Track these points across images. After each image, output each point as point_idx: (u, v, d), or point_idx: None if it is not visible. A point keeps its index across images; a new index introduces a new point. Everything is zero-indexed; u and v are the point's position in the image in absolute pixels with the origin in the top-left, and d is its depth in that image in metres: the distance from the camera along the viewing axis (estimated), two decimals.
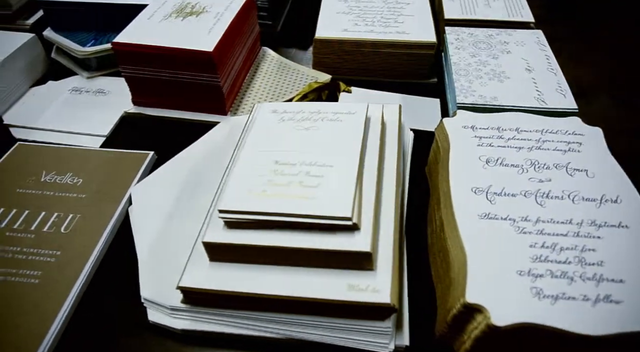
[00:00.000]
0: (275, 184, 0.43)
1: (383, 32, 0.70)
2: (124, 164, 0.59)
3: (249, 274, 0.42)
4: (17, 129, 0.66)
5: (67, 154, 0.61)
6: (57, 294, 0.46)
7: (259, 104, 0.55)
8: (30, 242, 0.51)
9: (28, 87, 0.74)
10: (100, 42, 0.74)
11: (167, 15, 0.66)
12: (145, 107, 0.66)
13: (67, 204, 0.54)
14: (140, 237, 0.51)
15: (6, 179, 0.57)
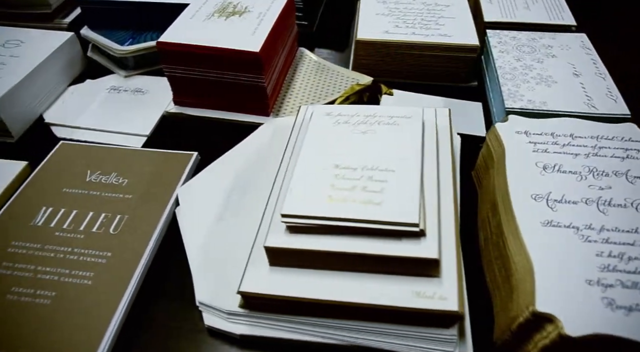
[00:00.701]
0: (339, 188, 0.42)
1: (424, 34, 0.69)
2: (169, 165, 0.58)
3: (310, 279, 0.41)
4: (58, 128, 0.66)
5: (110, 153, 0.60)
6: (111, 295, 0.46)
7: (310, 105, 0.55)
8: (80, 242, 0.50)
9: (66, 86, 0.73)
10: (138, 41, 0.74)
11: (210, 14, 0.65)
12: (186, 107, 0.65)
13: (114, 205, 0.54)
14: (190, 239, 0.50)
15: (52, 179, 0.57)
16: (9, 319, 0.44)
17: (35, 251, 0.50)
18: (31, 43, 0.71)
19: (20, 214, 0.53)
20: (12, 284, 0.47)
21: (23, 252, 0.50)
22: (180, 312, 0.46)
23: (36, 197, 0.55)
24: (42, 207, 0.54)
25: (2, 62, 0.68)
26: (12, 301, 0.46)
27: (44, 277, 0.48)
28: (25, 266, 0.48)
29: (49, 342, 0.43)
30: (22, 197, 0.55)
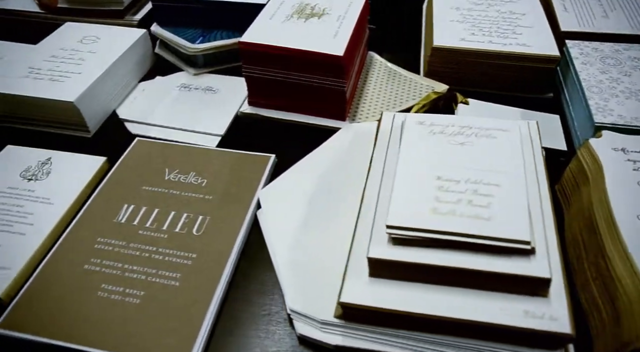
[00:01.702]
0: (444, 201, 0.41)
1: (502, 43, 0.68)
2: (247, 166, 0.58)
3: (412, 292, 0.40)
4: (132, 124, 0.66)
5: (187, 152, 0.60)
6: (200, 299, 0.45)
7: (396, 113, 0.54)
8: (164, 242, 0.50)
9: (137, 82, 0.73)
10: (208, 39, 0.73)
11: (289, 16, 0.65)
12: (260, 108, 0.65)
13: (195, 205, 0.54)
14: (275, 244, 0.50)
15: (131, 176, 0.57)
16: (101, 315, 0.44)
17: (121, 248, 0.50)
18: (107, 39, 0.72)
19: (104, 211, 0.53)
20: (102, 280, 0.47)
21: (109, 249, 0.50)
22: (269, 318, 0.45)
23: (117, 194, 0.55)
24: (124, 204, 0.54)
25: (81, 57, 0.68)
26: (103, 298, 0.46)
27: (131, 275, 0.47)
28: (112, 264, 0.48)
29: (140, 341, 0.42)
30: (104, 193, 0.55)
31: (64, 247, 0.50)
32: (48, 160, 0.59)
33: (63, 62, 0.67)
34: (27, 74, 0.65)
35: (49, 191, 0.55)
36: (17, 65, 0.67)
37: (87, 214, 0.53)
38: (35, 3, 0.83)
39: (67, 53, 0.69)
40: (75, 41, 0.71)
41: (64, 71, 0.65)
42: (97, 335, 0.43)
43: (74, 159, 0.59)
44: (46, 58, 0.68)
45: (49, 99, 0.61)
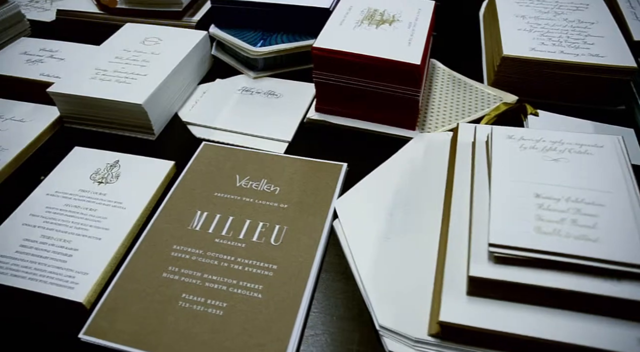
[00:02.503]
0: (546, 220, 0.40)
1: (574, 53, 0.66)
2: (319, 174, 0.57)
3: (514, 313, 0.39)
4: (195, 128, 0.65)
5: (256, 158, 0.59)
6: (286, 313, 0.44)
7: (477, 125, 0.53)
8: (242, 252, 0.49)
9: (197, 85, 0.73)
10: (269, 42, 0.73)
11: (359, 22, 0.63)
12: (328, 115, 0.63)
13: (270, 214, 0.53)
14: (357, 256, 0.49)
15: (202, 182, 0.56)
16: (184, 326, 0.43)
17: (198, 256, 0.49)
18: (169, 41, 0.71)
19: (177, 217, 0.52)
20: (182, 290, 0.46)
21: (186, 258, 0.49)
22: (356, 334, 0.44)
23: (189, 200, 0.54)
24: (197, 210, 0.53)
25: (144, 59, 0.67)
26: (185, 308, 0.45)
27: (212, 286, 0.46)
28: (191, 272, 0.47)
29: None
30: (175, 199, 0.54)
31: (141, 254, 0.49)
32: (116, 163, 0.59)
33: (128, 63, 0.67)
34: (94, 75, 0.65)
35: (120, 195, 0.55)
36: (82, 66, 0.66)
37: (160, 220, 0.52)
38: (93, 4, 0.83)
39: (131, 54, 0.68)
40: (137, 42, 0.71)
41: (130, 73, 0.65)
42: (182, 346, 0.42)
43: (142, 162, 0.59)
44: (111, 59, 0.67)
45: (118, 101, 0.60)
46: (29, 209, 0.54)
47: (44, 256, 0.49)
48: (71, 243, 0.50)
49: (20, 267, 0.48)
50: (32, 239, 0.51)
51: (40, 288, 0.46)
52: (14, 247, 0.50)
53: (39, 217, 0.53)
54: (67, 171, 0.58)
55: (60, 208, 0.54)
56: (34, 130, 0.63)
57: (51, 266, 0.48)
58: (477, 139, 0.51)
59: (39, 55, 0.73)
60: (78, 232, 0.51)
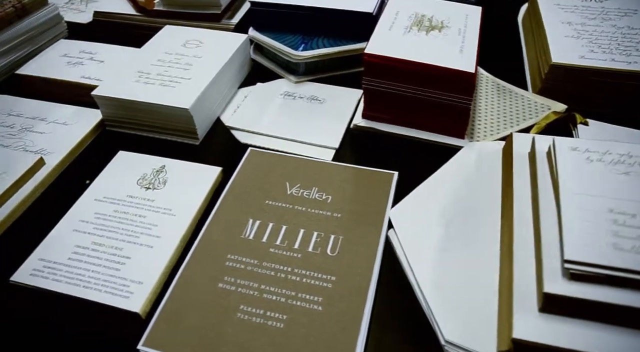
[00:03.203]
0: (623, 236, 0.39)
1: (625, 61, 0.65)
2: (370, 183, 0.56)
3: (589, 331, 0.38)
4: (238, 133, 0.64)
5: (304, 165, 0.58)
6: (347, 327, 0.43)
7: (535, 136, 0.52)
8: (299, 263, 0.48)
9: (237, 89, 0.72)
10: (311, 46, 0.72)
11: (408, 27, 0.62)
12: (375, 122, 0.62)
13: (324, 223, 0.52)
14: (416, 268, 0.48)
15: (252, 189, 0.55)
16: (245, 338, 0.42)
17: (254, 267, 0.48)
18: (210, 44, 0.70)
19: (229, 225, 0.51)
20: (240, 301, 0.45)
21: (242, 268, 0.48)
22: (419, 349, 0.43)
23: (240, 208, 0.53)
24: (249, 219, 0.52)
25: (187, 62, 0.66)
26: (244, 320, 0.44)
27: (270, 297, 0.45)
28: (248, 283, 0.47)
29: None
30: (226, 207, 0.53)
31: (195, 263, 0.48)
32: (162, 168, 0.58)
33: (170, 66, 0.66)
34: (137, 78, 0.64)
35: (169, 202, 0.54)
36: (125, 69, 0.65)
37: (212, 229, 0.51)
38: (130, 5, 0.82)
39: (173, 57, 0.68)
40: (178, 45, 0.70)
41: (173, 76, 0.64)
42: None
43: (189, 168, 0.58)
44: (153, 62, 0.67)
45: (164, 105, 0.60)
46: (78, 214, 0.53)
47: (96, 263, 0.48)
48: (123, 251, 0.49)
49: (74, 274, 0.47)
50: (83, 245, 0.50)
51: (95, 297, 0.46)
52: (66, 253, 0.49)
53: (89, 223, 0.52)
54: (113, 176, 0.57)
55: (110, 214, 0.53)
56: (77, 134, 0.63)
57: (105, 274, 0.47)
58: (536, 150, 0.50)
59: (79, 57, 0.72)
60: (129, 240, 0.50)
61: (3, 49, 0.71)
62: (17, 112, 0.66)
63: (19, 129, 0.63)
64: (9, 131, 0.63)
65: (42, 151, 0.60)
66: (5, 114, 0.65)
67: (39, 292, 0.47)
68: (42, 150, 0.60)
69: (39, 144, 0.61)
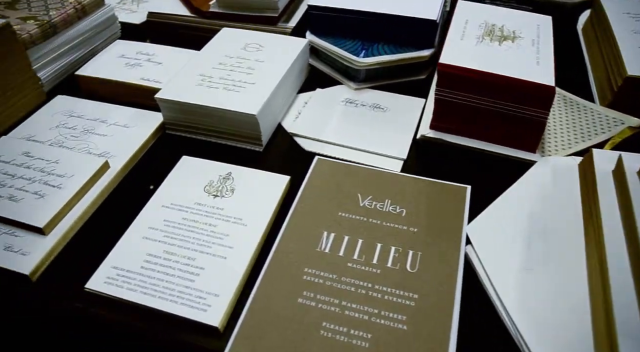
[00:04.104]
0: None
1: None
2: (443, 197, 0.54)
3: None
4: (302, 140, 0.63)
5: (375, 176, 0.57)
6: (436, 347, 0.42)
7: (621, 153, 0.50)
8: (378, 278, 0.47)
9: (296, 94, 0.70)
10: (371, 52, 0.70)
11: (479, 37, 0.61)
12: (444, 133, 0.61)
13: (400, 237, 0.50)
14: (500, 288, 0.46)
15: (323, 200, 0.54)
16: None
17: (333, 282, 0.46)
18: (271, 48, 0.69)
19: (303, 237, 0.50)
20: (322, 318, 0.44)
21: (320, 282, 0.46)
22: None
23: (313, 219, 0.52)
24: (323, 231, 0.51)
25: (249, 66, 0.65)
26: (327, 338, 0.43)
27: (352, 314, 0.44)
28: (329, 299, 0.45)
29: None
30: (298, 217, 0.52)
31: (271, 276, 0.47)
32: (228, 175, 0.56)
33: (232, 70, 0.65)
34: (200, 82, 0.63)
35: (238, 210, 0.53)
36: (186, 71, 0.64)
37: (286, 240, 0.50)
38: (183, 6, 0.81)
39: (234, 61, 0.66)
40: (238, 48, 0.69)
41: (237, 80, 0.63)
42: None
43: (256, 176, 0.57)
44: (214, 65, 0.66)
45: (230, 110, 0.58)
46: (146, 221, 0.52)
47: (170, 273, 0.47)
48: (196, 261, 0.48)
49: (149, 284, 0.46)
50: (155, 254, 0.49)
51: (172, 308, 0.45)
52: (138, 262, 0.48)
53: (158, 230, 0.51)
54: (179, 182, 0.56)
55: (179, 222, 0.52)
56: (139, 137, 0.62)
57: (179, 285, 0.46)
58: (626, 168, 0.48)
59: (137, 58, 0.71)
60: (202, 250, 0.49)
61: (63, 50, 0.71)
62: (78, 114, 0.65)
63: (81, 130, 0.62)
64: (72, 133, 0.62)
65: (106, 154, 0.59)
66: (67, 115, 0.65)
67: (114, 301, 0.46)
68: (106, 153, 0.59)
69: (102, 147, 0.60)
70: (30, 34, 0.66)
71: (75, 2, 0.72)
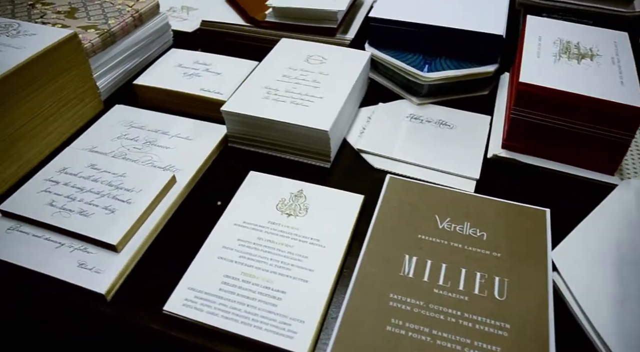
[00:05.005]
0: None
1: None
2: (522, 220, 0.53)
3: None
4: (371, 157, 0.62)
5: (450, 197, 0.55)
6: None
7: None
8: (467, 306, 0.45)
9: (357, 108, 0.69)
10: (435, 67, 0.68)
11: (556, 55, 0.59)
12: (517, 153, 0.59)
13: (484, 263, 0.49)
14: (595, 321, 0.44)
15: (399, 221, 0.52)
16: None
17: (421, 309, 0.45)
18: (334, 60, 0.68)
19: (384, 260, 0.49)
20: (413, 347, 0.42)
21: (408, 309, 0.45)
22: None
23: (392, 241, 0.50)
24: (404, 254, 0.49)
25: (314, 79, 0.64)
26: None
27: (444, 344, 0.43)
28: (418, 327, 0.44)
29: None
30: (377, 239, 0.51)
31: (356, 301, 0.45)
32: (300, 192, 0.55)
33: (298, 83, 0.63)
34: (266, 94, 0.61)
35: (314, 231, 0.51)
36: (250, 83, 0.63)
37: (367, 263, 0.49)
38: (237, 14, 0.80)
39: (298, 73, 0.65)
40: (301, 60, 0.67)
41: (303, 94, 0.61)
42: None
43: (329, 194, 0.55)
44: (278, 77, 0.64)
45: (302, 126, 0.57)
46: (220, 240, 0.51)
47: (250, 296, 0.46)
48: (275, 284, 0.47)
49: (229, 308, 0.45)
50: (232, 275, 0.47)
51: (257, 335, 0.43)
52: (216, 284, 0.47)
53: (233, 250, 0.50)
54: (249, 199, 0.55)
55: (254, 242, 0.50)
56: (203, 150, 0.60)
57: (262, 310, 0.45)
58: None
59: (194, 68, 0.70)
60: (281, 272, 0.48)
61: (119, 58, 0.70)
62: (139, 125, 0.64)
63: (143, 142, 0.61)
64: (134, 144, 0.61)
65: (171, 168, 0.58)
66: (127, 126, 0.63)
67: (193, 324, 0.44)
68: (170, 167, 0.58)
69: (166, 160, 0.59)
70: (92, 43, 0.64)
71: (133, 10, 0.71)
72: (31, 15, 0.69)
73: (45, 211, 0.52)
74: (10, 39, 0.59)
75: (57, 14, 0.70)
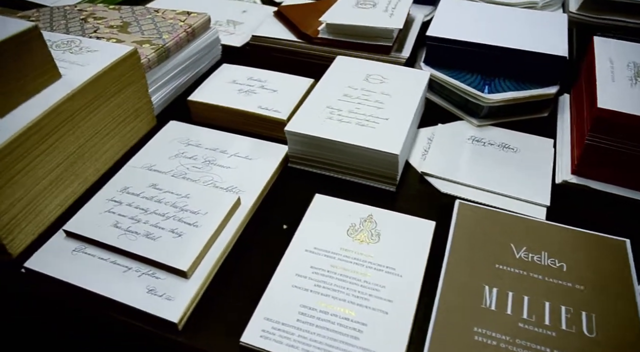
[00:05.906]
0: None
1: None
2: (601, 250, 0.51)
3: None
4: (437, 181, 0.60)
5: (523, 224, 0.54)
6: None
7: None
8: (556, 343, 0.43)
9: (417, 129, 0.67)
10: (495, 88, 0.67)
11: (632, 79, 0.58)
12: (589, 179, 0.57)
13: (568, 296, 0.47)
14: None
15: (474, 249, 0.51)
16: None
17: (507, 344, 0.43)
18: (393, 80, 0.66)
19: (464, 292, 0.47)
20: None
21: (494, 344, 0.43)
22: None
23: (469, 271, 0.49)
24: (484, 285, 0.48)
25: (377, 100, 0.63)
26: None
27: None
28: None
29: None
30: (454, 268, 0.49)
31: (441, 336, 0.44)
32: (370, 217, 0.53)
33: (361, 103, 0.62)
34: (329, 115, 0.60)
35: (389, 259, 0.50)
36: (311, 103, 0.62)
37: (447, 294, 0.47)
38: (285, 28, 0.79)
39: (359, 92, 0.64)
40: (360, 79, 0.66)
41: (367, 115, 0.60)
42: None
43: (399, 220, 0.54)
44: (339, 97, 0.63)
45: (370, 149, 0.55)
46: (292, 267, 0.49)
47: (330, 328, 0.44)
48: (355, 315, 0.45)
49: (309, 341, 0.43)
50: (309, 305, 0.46)
51: None
52: (293, 314, 0.45)
53: (307, 278, 0.48)
54: (318, 224, 0.53)
55: (327, 269, 0.49)
56: (265, 171, 0.59)
57: (344, 343, 0.43)
58: None
59: (249, 84, 0.69)
60: (359, 303, 0.46)
61: (172, 74, 0.69)
62: (195, 142, 0.62)
63: (202, 161, 0.60)
64: (193, 163, 0.59)
65: (233, 189, 0.57)
66: (184, 144, 0.62)
67: None
68: (233, 188, 0.57)
69: (227, 180, 0.58)
70: (148, 59, 0.63)
71: (186, 25, 0.70)
72: (84, 29, 0.68)
73: (110, 233, 0.50)
74: (75, 56, 0.57)
75: (110, 28, 0.69)
